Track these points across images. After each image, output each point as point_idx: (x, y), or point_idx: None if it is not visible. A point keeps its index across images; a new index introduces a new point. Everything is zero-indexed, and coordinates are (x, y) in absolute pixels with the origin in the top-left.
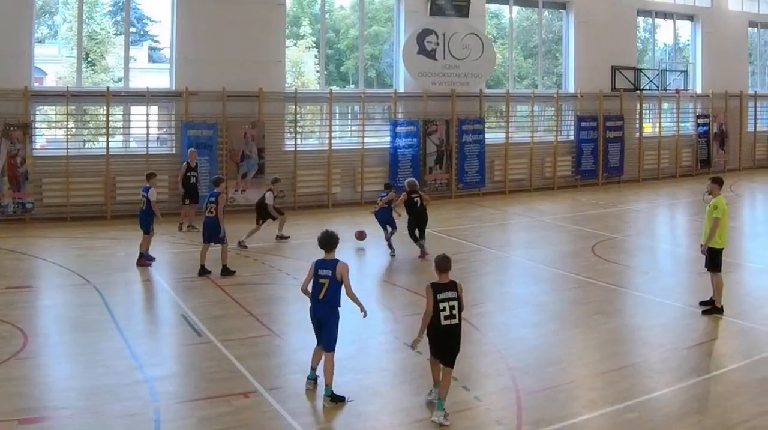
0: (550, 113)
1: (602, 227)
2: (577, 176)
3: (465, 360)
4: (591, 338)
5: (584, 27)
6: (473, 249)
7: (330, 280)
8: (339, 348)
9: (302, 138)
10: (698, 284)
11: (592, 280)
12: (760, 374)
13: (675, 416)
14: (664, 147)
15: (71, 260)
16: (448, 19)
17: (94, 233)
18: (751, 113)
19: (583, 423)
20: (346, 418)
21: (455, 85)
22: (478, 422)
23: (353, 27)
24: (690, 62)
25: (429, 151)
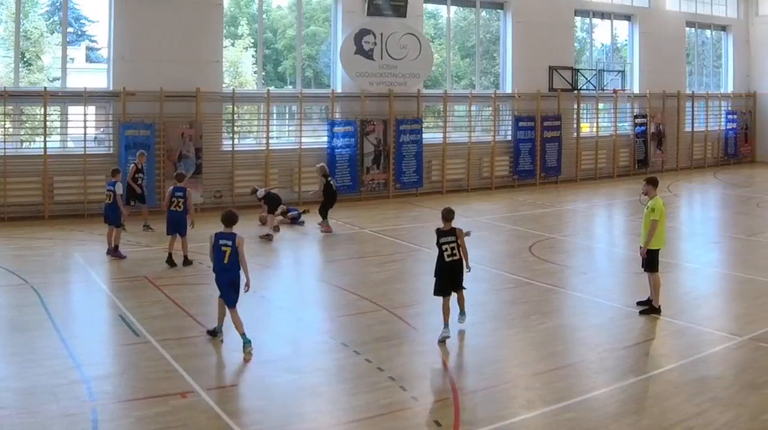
0: (487, 113)
1: (540, 227)
2: (514, 176)
3: (402, 360)
4: (528, 338)
5: (522, 27)
6: (411, 249)
7: (231, 248)
8: (276, 349)
9: (240, 138)
10: (635, 284)
11: (530, 280)
12: (697, 374)
13: (612, 416)
14: (602, 147)
15: (8, 260)
16: (385, 19)
17: (31, 233)
18: (689, 113)
19: (520, 423)
20: (283, 418)
21: (393, 85)
22: (415, 422)
23: (291, 27)
24: (627, 62)
25: (366, 151)
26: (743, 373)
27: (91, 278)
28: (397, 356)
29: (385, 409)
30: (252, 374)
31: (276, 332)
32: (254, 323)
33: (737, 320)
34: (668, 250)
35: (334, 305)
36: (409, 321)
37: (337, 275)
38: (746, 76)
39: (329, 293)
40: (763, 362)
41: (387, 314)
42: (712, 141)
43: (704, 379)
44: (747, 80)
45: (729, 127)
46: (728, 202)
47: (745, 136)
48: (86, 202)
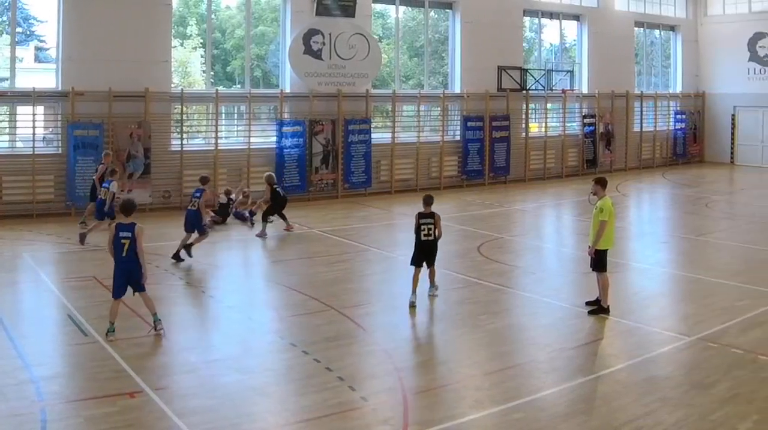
0: (436, 113)
1: (488, 227)
2: (463, 176)
3: (351, 360)
4: (477, 338)
5: (470, 27)
6: (360, 249)
7: (130, 240)
8: (224, 348)
9: (188, 138)
10: (584, 284)
11: (479, 280)
12: (646, 374)
13: (561, 416)
14: (551, 147)
15: None
16: (334, 19)
17: None
18: (637, 113)
19: (469, 423)
20: (231, 418)
21: (341, 85)
22: (364, 422)
23: (239, 27)
24: (576, 62)
25: (315, 151)
26: (692, 373)
27: (40, 278)
28: (346, 356)
29: (333, 409)
30: (201, 374)
31: (225, 332)
32: (203, 323)
33: (686, 320)
34: (617, 250)
35: (283, 305)
36: (358, 321)
37: (286, 274)
38: (695, 76)
39: (278, 293)
40: (711, 362)
41: (336, 314)
42: (661, 141)
43: (653, 379)
44: (696, 80)
45: (678, 127)
46: (677, 203)
47: (694, 136)
48: (35, 202)
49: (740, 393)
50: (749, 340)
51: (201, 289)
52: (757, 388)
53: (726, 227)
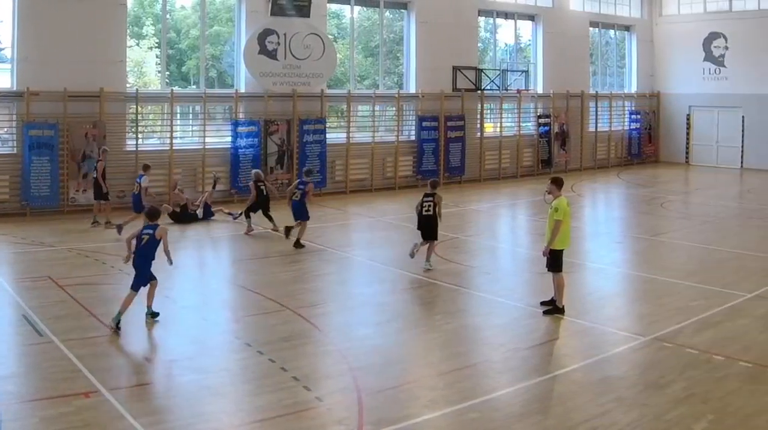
0: (391, 113)
1: (443, 227)
2: (418, 176)
3: (306, 360)
4: (433, 337)
5: (425, 27)
6: (314, 249)
7: (150, 236)
8: (179, 348)
9: (144, 138)
10: (539, 284)
11: (434, 280)
12: (601, 374)
13: (516, 416)
14: (506, 147)
15: None
16: (289, 19)
17: None
18: (592, 113)
19: (424, 423)
20: (187, 418)
21: (296, 85)
22: (319, 422)
23: (194, 27)
24: (531, 62)
25: (270, 151)
26: (647, 373)
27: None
28: (301, 357)
29: (288, 409)
30: (156, 374)
31: (180, 332)
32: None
33: (641, 320)
34: (572, 250)
35: (238, 305)
36: (314, 321)
37: (242, 275)
38: (650, 76)
39: (234, 293)
40: (666, 362)
41: (291, 314)
42: (616, 141)
43: (608, 379)
44: (651, 80)
45: (633, 127)
46: (632, 202)
47: (649, 136)
48: None
49: (695, 393)
50: (704, 340)
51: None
52: (711, 388)
53: (681, 227)
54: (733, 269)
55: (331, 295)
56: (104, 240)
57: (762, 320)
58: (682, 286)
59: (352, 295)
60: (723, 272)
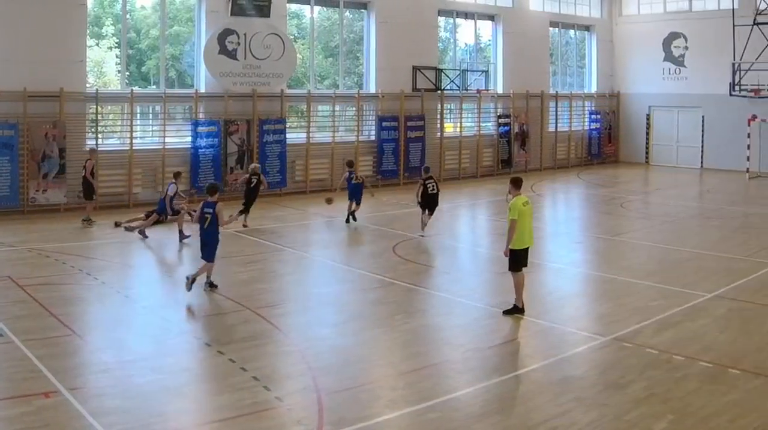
0: (351, 113)
1: (403, 227)
2: (378, 176)
3: (266, 360)
4: (393, 338)
5: (385, 27)
6: (274, 249)
7: (212, 215)
8: (139, 348)
9: (103, 138)
10: (499, 284)
11: (394, 280)
12: (561, 374)
13: (476, 416)
14: (465, 147)
15: None
16: (249, 19)
17: None
18: (552, 113)
19: (384, 423)
20: (147, 418)
21: (256, 85)
22: (278, 422)
23: (154, 27)
24: (491, 62)
25: (230, 151)
26: (607, 373)
27: None
28: (260, 356)
29: (248, 409)
30: (116, 374)
31: (140, 332)
32: (118, 323)
33: (600, 320)
34: (532, 250)
35: (198, 305)
36: (273, 321)
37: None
38: (610, 76)
39: (193, 293)
40: (626, 362)
41: (251, 314)
42: (576, 141)
43: (568, 379)
44: (610, 80)
45: (593, 127)
46: (592, 203)
47: (609, 136)
48: None
49: (655, 393)
50: (664, 340)
51: (116, 289)
52: (671, 388)
53: (641, 227)
54: (693, 269)
55: (291, 295)
56: (65, 240)
57: (722, 320)
58: (641, 286)
59: (311, 295)
60: (683, 272)
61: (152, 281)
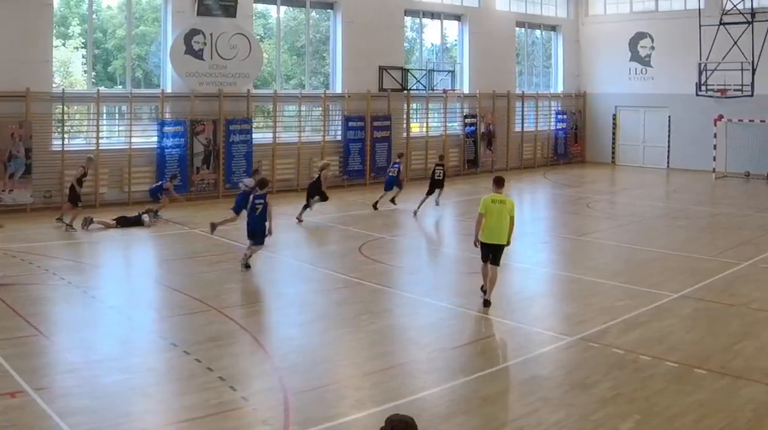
0: (317, 113)
1: (369, 227)
2: (344, 176)
3: (232, 360)
4: (359, 338)
5: (351, 27)
6: (240, 249)
7: (263, 205)
8: (105, 348)
9: (70, 138)
10: (465, 284)
11: (360, 280)
12: (527, 374)
13: (442, 416)
14: (432, 147)
15: None
16: (215, 19)
17: None
18: (519, 113)
19: (350, 423)
20: (113, 418)
21: (222, 85)
22: (244, 422)
23: (121, 27)
24: (457, 62)
25: (196, 151)
26: (573, 373)
27: None
28: (227, 356)
29: (215, 409)
30: (82, 374)
31: (106, 332)
32: (85, 323)
33: (567, 320)
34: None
35: (164, 304)
36: (240, 321)
37: (168, 274)
38: (576, 76)
39: (160, 293)
40: (592, 362)
41: (217, 314)
42: (542, 141)
43: (534, 379)
44: (577, 80)
45: (559, 127)
46: (558, 203)
47: (575, 136)
48: None
49: (621, 393)
50: (630, 340)
51: (83, 289)
52: (638, 388)
53: (607, 227)
54: (659, 269)
55: (257, 295)
56: (31, 240)
57: (688, 320)
58: (608, 286)
59: (278, 295)
60: (649, 272)
61: (119, 281)
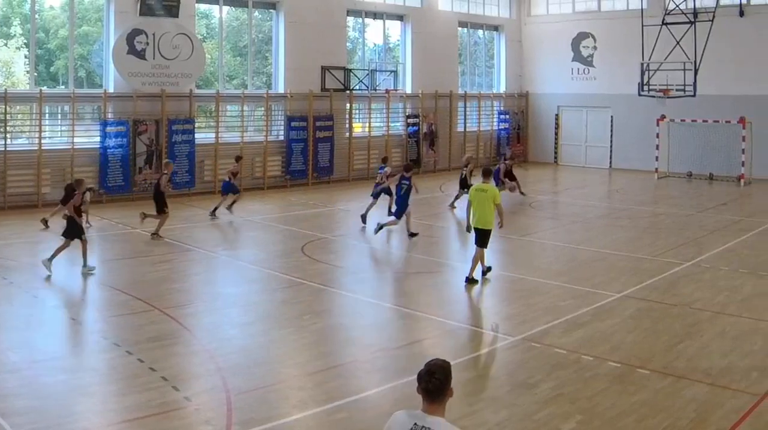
0: (260, 113)
1: (312, 227)
2: (287, 176)
3: (174, 360)
4: (301, 338)
5: (294, 27)
6: (183, 249)
7: (407, 185)
8: (48, 348)
9: (12, 138)
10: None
11: (302, 280)
12: (469, 374)
13: (385, 416)
14: (374, 147)
15: None
16: (158, 19)
17: None
18: (461, 113)
19: (293, 423)
20: (56, 418)
21: (165, 85)
22: (187, 422)
23: (63, 27)
24: (400, 62)
25: (139, 151)
26: (516, 373)
27: None
28: (169, 357)
29: (157, 409)
30: (24, 374)
31: (49, 332)
32: (27, 323)
33: (510, 320)
34: (440, 250)
35: (107, 305)
36: (182, 321)
37: (110, 274)
38: (518, 76)
39: (102, 293)
40: (535, 362)
41: (159, 314)
42: (485, 141)
43: (477, 379)
44: (519, 80)
45: (501, 127)
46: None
47: (518, 136)
48: None
49: (563, 393)
50: (572, 340)
51: (25, 289)
52: (580, 388)
53: (550, 227)
54: (602, 269)
55: (200, 295)
56: None
57: (630, 320)
58: (550, 286)
59: (220, 295)
60: (592, 272)
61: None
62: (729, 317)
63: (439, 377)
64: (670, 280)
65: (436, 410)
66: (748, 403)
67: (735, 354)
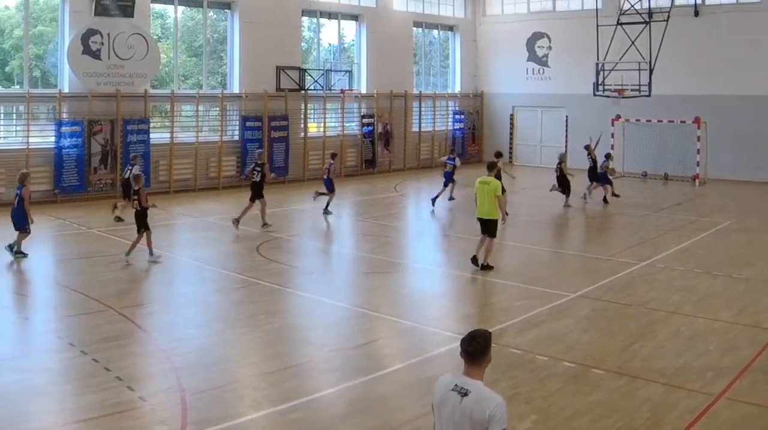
0: (215, 113)
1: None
2: (242, 176)
3: (129, 360)
4: (256, 338)
5: (249, 27)
6: (139, 249)
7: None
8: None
9: None
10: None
11: (257, 280)
12: (424, 374)
13: (340, 416)
14: (329, 147)
15: None
16: (113, 19)
17: None
18: (416, 113)
19: (248, 423)
20: (10, 418)
21: (120, 85)
22: (142, 422)
23: (18, 27)
24: (355, 62)
25: (94, 152)
26: None
27: None
28: (124, 356)
29: (112, 409)
30: None
31: (2, 332)
32: None
33: (465, 320)
34: (395, 250)
35: (61, 304)
36: (137, 321)
37: (65, 274)
38: (474, 76)
39: (57, 292)
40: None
41: (115, 314)
42: (440, 141)
43: (432, 379)
44: (474, 80)
45: (456, 127)
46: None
47: (473, 136)
48: None
49: (519, 393)
50: (527, 340)
51: None
52: (535, 388)
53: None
54: (557, 269)
55: (155, 295)
56: None
57: (585, 320)
58: (505, 286)
59: (175, 295)
60: (546, 272)
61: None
62: (684, 317)
63: (480, 341)
64: (625, 280)
65: (475, 374)
66: (703, 403)
67: (690, 354)
